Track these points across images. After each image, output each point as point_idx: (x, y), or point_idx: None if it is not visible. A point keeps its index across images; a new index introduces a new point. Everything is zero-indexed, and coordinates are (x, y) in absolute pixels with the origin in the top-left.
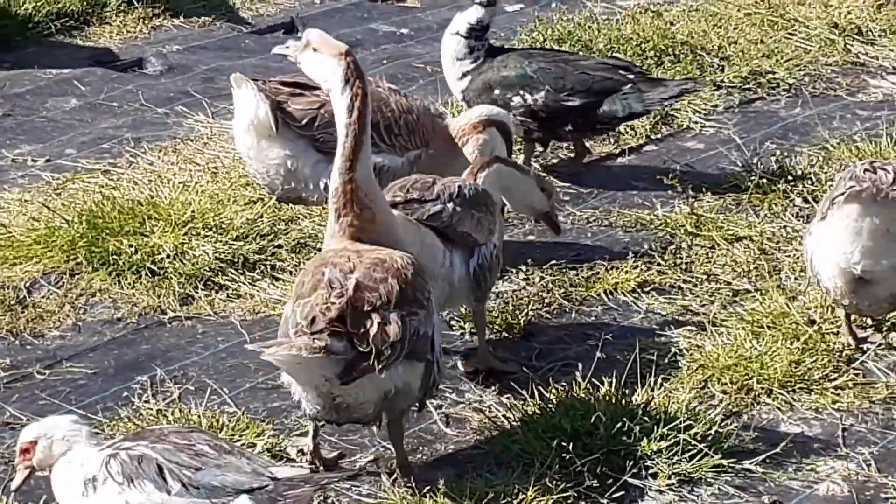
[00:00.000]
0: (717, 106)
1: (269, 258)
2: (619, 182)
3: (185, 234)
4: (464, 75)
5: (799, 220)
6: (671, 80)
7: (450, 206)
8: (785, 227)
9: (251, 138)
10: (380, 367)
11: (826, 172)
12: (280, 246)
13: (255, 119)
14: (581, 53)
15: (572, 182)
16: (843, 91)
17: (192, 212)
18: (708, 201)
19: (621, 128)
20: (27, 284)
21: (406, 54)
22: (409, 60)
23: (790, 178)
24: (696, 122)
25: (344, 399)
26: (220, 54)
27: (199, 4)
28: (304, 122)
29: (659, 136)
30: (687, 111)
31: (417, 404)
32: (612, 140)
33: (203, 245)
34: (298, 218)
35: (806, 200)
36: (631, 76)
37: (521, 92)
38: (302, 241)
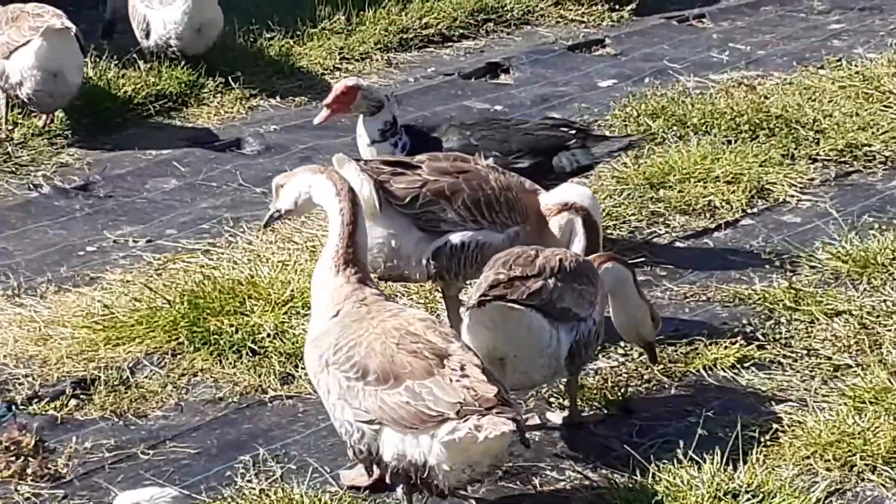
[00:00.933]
0: (813, 179)
1: None
2: (716, 257)
3: (285, 313)
4: None
5: None
6: (615, 136)
7: (551, 281)
8: (885, 300)
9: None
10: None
11: None
12: None
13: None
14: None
15: (669, 258)
16: None
17: (292, 291)
18: (806, 275)
19: (717, 202)
20: (130, 365)
21: None
22: None
23: (889, 251)
24: (793, 196)
25: (500, 461)
26: (316, 134)
27: (295, 84)
28: (406, 200)
29: (755, 209)
30: (783, 185)
31: None
32: (707, 215)
33: (303, 324)
34: (396, 296)
35: None
36: (573, 132)
37: None
38: None
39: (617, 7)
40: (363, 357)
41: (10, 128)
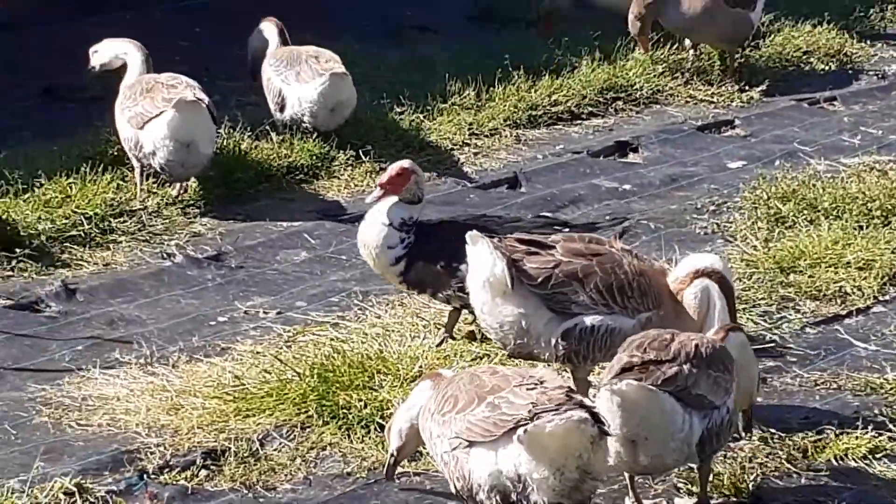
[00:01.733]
0: None
1: None
2: (847, 344)
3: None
4: (398, 260)
5: None
6: (603, 223)
7: (686, 367)
8: None
9: (486, 295)
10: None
11: None
12: None
13: (490, 276)
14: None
15: (799, 344)
16: None
17: (420, 367)
18: None
19: (848, 288)
20: (260, 437)
21: (629, 210)
22: (633, 216)
23: None
24: None
25: (592, 469)
26: (444, 209)
27: (424, 159)
28: (538, 280)
29: (887, 297)
30: None
31: None
32: (838, 301)
33: None
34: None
35: None
36: (566, 228)
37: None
38: None
39: (747, 88)
40: (454, 391)
41: (144, 197)
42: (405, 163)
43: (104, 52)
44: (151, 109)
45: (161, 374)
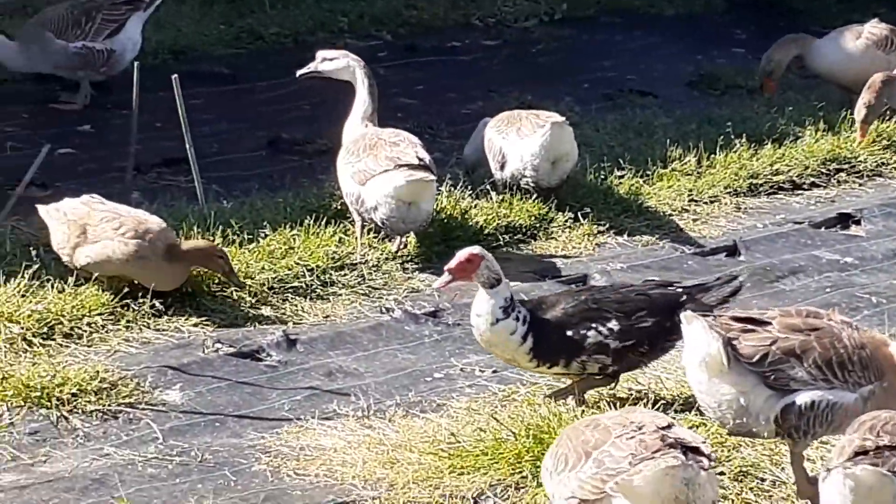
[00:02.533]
0: None
1: None
2: None
3: None
4: (523, 338)
5: None
6: (713, 282)
7: None
8: None
9: (702, 374)
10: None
11: None
12: (722, 473)
13: (706, 356)
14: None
15: None
16: None
17: None
18: None
19: None
20: (475, 495)
21: (850, 283)
22: (853, 290)
23: None
24: None
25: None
26: (662, 274)
27: (642, 224)
28: (755, 358)
29: None
30: None
31: None
32: None
33: None
34: (742, 446)
35: None
36: (681, 289)
37: (594, 325)
38: (745, 469)
39: None
40: (564, 450)
41: (364, 251)
42: (474, 249)
43: (335, 63)
44: (375, 167)
45: (377, 428)
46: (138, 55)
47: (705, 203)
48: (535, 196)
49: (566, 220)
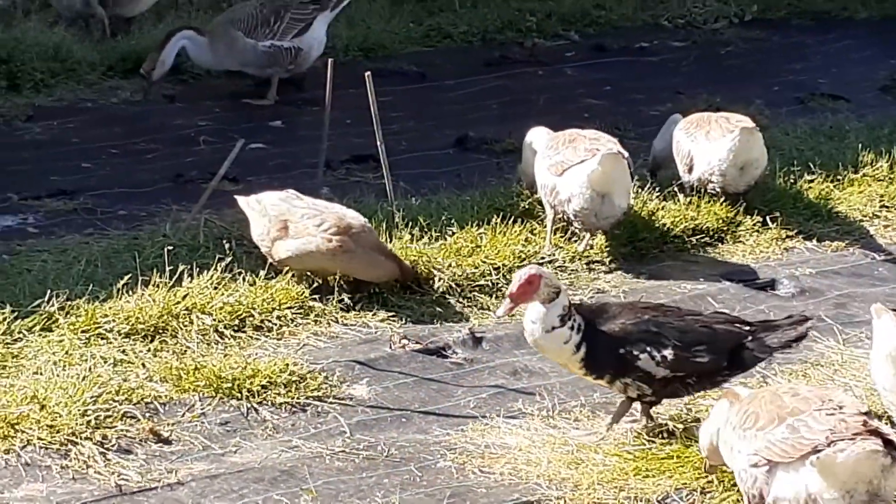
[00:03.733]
0: None
1: None
2: None
3: None
4: (577, 347)
5: None
6: (782, 321)
7: None
8: None
9: (893, 368)
10: None
11: None
12: None
13: (894, 350)
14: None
15: None
16: None
17: None
18: None
19: None
20: (659, 498)
21: None
22: None
23: None
24: None
25: (882, 493)
26: (852, 280)
27: (832, 229)
28: None
29: None
30: None
31: None
32: None
33: None
34: None
35: None
36: (747, 327)
37: (648, 349)
38: None
39: None
40: (756, 408)
41: (552, 249)
42: (532, 269)
43: None
44: (573, 157)
45: (562, 428)
46: (328, 53)
47: None
48: (722, 199)
49: (754, 224)
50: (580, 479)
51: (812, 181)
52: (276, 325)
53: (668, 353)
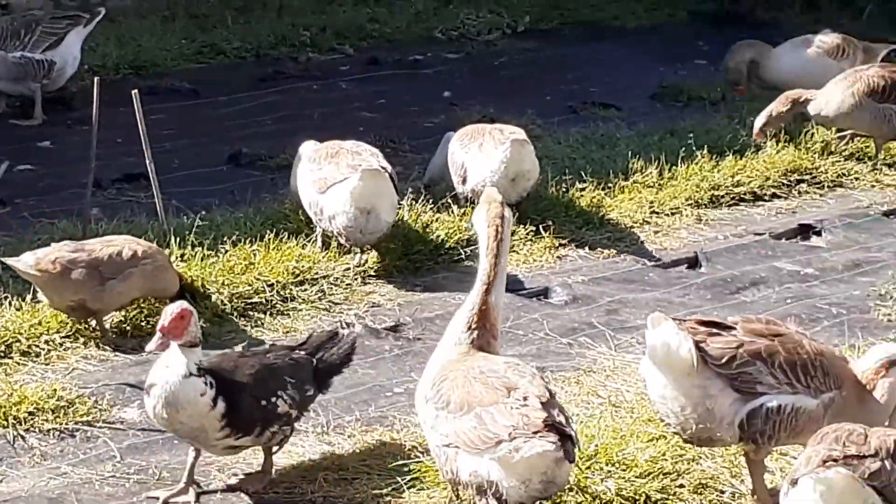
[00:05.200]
0: None
1: (671, 498)
2: None
3: (588, 468)
4: (214, 401)
5: None
6: (342, 340)
7: (888, 463)
8: None
9: (669, 377)
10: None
11: None
12: (682, 486)
13: (675, 357)
14: None
15: None
16: None
17: (596, 446)
18: None
19: None
20: None
21: (810, 294)
22: (814, 301)
23: None
24: None
25: (559, 479)
26: (623, 286)
27: (604, 236)
28: (722, 361)
29: None
30: None
31: None
32: None
33: (606, 481)
34: (702, 458)
35: None
36: (304, 351)
37: (280, 393)
38: (704, 482)
39: None
40: (448, 390)
41: (326, 265)
42: (183, 304)
43: None
44: (336, 174)
45: (336, 444)
46: (96, 70)
47: (667, 215)
48: None
49: (528, 234)
50: (354, 495)
51: (584, 189)
52: (44, 349)
53: (293, 392)
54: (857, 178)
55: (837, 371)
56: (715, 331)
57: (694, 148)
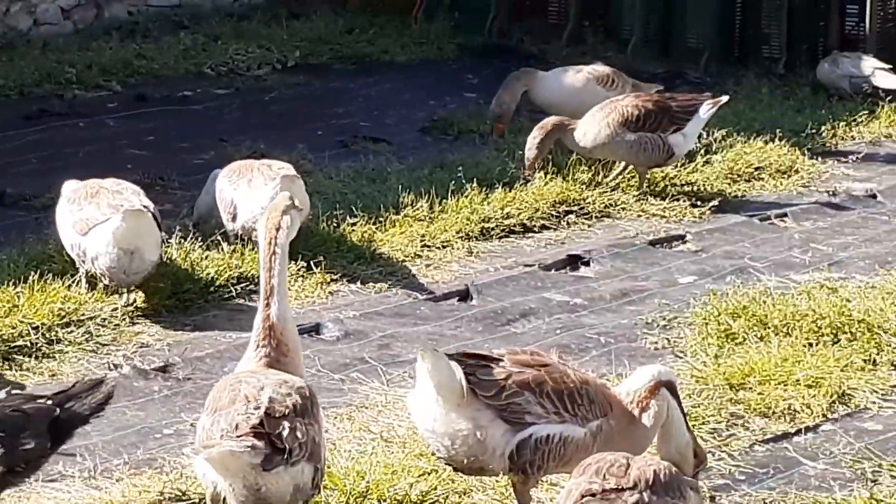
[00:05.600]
0: (895, 386)
1: None
2: (795, 462)
3: None
4: None
5: None
6: (81, 387)
7: (646, 494)
8: None
9: (438, 409)
10: (292, 460)
11: None
12: None
13: (444, 390)
14: None
15: (748, 462)
16: None
17: (367, 482)
18: (888, 486)
19: (797, 406)
20: None
21: (579, 324)
22: (583, 331)
23: None
24: (874, 403)
25: (266, 490)
26: (395, 320)
27: (376, 270)
28: (492, 392)
29: (836, 415)
30: (865, 391)
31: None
32: (787, 419)
33: None
34: (472, 490)
35: None
36: (51, 401)
37: None
38: None
39: (698, 203)
40: (218, 391)
41: (93, 305)
42: None
43: None
44: (97, 215)
45: (104, 488)
46: None
47: (438, 248)
48: None
49: (299, 269)
50: None
51: (355, 224)
52: None
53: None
54: (623, 209)
55: (602, 398)
56: (484, 362)
57: (464, 181)
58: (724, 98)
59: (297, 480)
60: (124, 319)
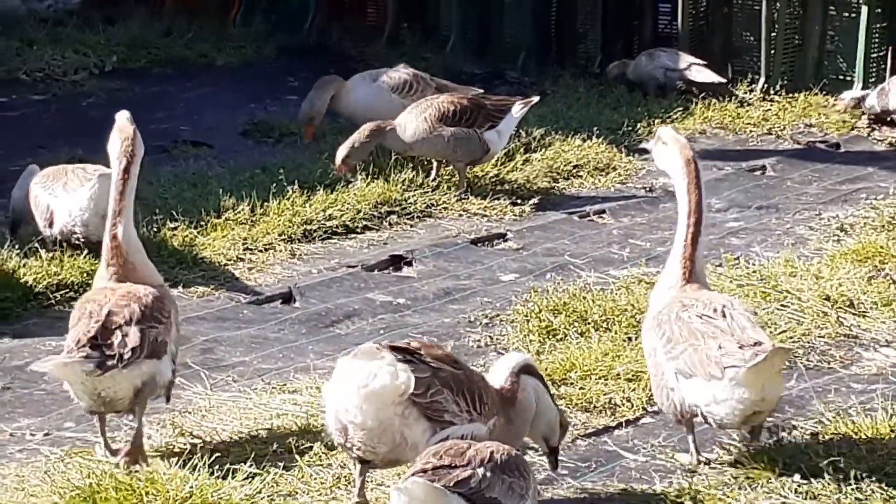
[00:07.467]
0: None
1: None
2: (616, 455)
3: None
4: None
5: (798, 496)
6: None
7: (480, 471)
8: (784, 502)
9: (371, 404)
10: (124, 363)
11: (823, 446)
12: None
13: (387, 387)
14: None
15: (571, 456)
16: (837, 364)
17: (191, 487)
18: (707, 474)
19: (618, 400)
20: None
21: (403, 324)
22: (407, 330)
23: (787, 452)
24: None
25: (106, 392)
26: (218, 325)
27: (198, 275)
28: (421, 390)
29: (655, 408)
30: None
31: (165, 395)
32: (608, 413)
33: None
34: (298, 492)
35: (804, 477)
36: None
37: None
38: None
39: (519, 202)
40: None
41: None
42: None
43: None
44: None
45: None
46: None
47: (260, 251)
48: (86, 252)
49: None
50: None
51: (175, 229)
52: None
53: None
54: (445, 208)
55: (492, 395)
56: (409, 358)
57: (285, 183)
58: (535, 98)
59: (135, 380)
60: None
